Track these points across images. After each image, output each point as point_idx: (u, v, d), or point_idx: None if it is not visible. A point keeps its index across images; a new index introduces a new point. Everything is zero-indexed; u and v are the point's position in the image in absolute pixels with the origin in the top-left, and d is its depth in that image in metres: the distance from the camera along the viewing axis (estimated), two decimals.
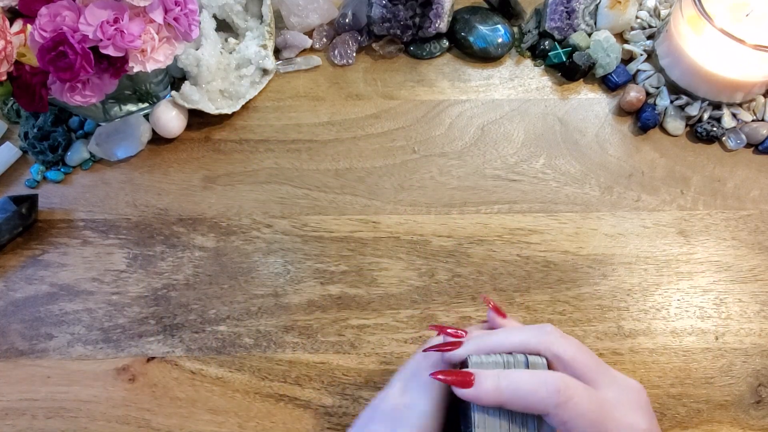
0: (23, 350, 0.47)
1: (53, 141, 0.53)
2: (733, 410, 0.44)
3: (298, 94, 0.58)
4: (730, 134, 0.54)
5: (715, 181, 0.53)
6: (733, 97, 0.53)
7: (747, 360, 0.46)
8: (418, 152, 0.55)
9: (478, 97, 0.57)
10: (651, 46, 0.57)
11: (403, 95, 0.58)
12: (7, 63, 0.42)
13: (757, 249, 0.50)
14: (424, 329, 0.47)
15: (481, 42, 0.58)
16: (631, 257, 0.50)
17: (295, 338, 0.47)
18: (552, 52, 0.58)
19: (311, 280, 0.49)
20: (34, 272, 0.50)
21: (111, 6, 0.42)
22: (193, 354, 0.47)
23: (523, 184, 0.53)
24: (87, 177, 0.54)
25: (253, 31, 0.58)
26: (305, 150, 0.55)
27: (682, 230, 0.51)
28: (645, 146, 0.55)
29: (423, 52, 0.59)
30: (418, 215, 0.52)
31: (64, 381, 0.46)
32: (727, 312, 0.48)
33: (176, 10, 0.45)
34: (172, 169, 0.54)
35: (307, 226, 0.51)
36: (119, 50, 0.43)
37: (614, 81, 0.56)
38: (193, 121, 0.56)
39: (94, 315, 0.48)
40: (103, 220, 0.52)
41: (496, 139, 0.55)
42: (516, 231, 0.51)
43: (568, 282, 0.49)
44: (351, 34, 0.59)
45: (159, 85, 0.54)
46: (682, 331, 0.47)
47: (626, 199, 0.52)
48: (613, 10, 0.57)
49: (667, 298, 0.48)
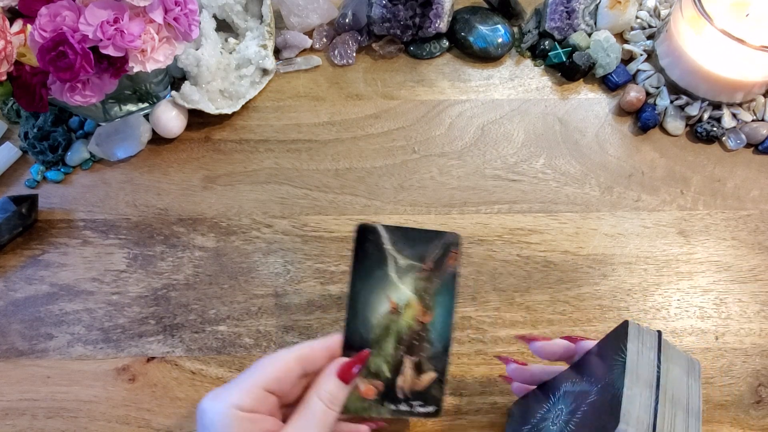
0: (23, 350, 0.47)
1: (53, 141, 0.53)
2: (733, 410, 0.44)
3: (298, 94, 0.58)
4: (730, 134, 0.54)
5: (715, 181, 0.53)
6: (733, 97, 0.53)
7: (747, 360, 0.46)
8: (418, 152, 0.55)
9: (478, 97, 0.57)
10: (651, 46, 0.57)
11: (403, 95, 0.58)
12: (7, 63, 0.42)
13: (757, 249, 0.50)
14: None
15: (481, 42, 0.58)
16: (631, 257, 0.50)
17: (295, 338, 0.47)
18: (552, 52, 0.58)
19: (311, 280, 0.49)
20: (34, 272, 0.50)
21: (111, 6, 0.42)
22: (193, 354, 0.47)
23: (523, 184, 0.53)
24: (87, 177, 0.54)
25: (253, 31, 0.58)
26: (305, 150, 0.55)
27: (682, 230, 0.51)
28: (645, 146, 0.55)
29: (423, 52, 0.59)
30: (418, 215, 0.52)
31: (64, 381, 0.46)
32: (727, 312, 0.48)
33: (176, 10, 0.45)
34: (172, 169, 0.54)
35: (307, 226, 0.51)
36: (119, 50, 0.43)
37: (614, 81, 0.56)
38: (193, 121, 0.56)
39: (94, 315, 0.48)
40: (103, 220, 0.52)
41: (496, 139, 0.55)
42: (516, 231, 0.51)
43: (568, 282, 0.49)
44: (351, 34, 0.59)
45: (159, 85, 0.54)
46: (682, 331, 0.47)
47: (626, 199, 0.52)
48: (613, 10, 0.57)
49: (667, 298, 0.48)
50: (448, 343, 0.38)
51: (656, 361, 0.30)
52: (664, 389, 0.29)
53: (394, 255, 0.38)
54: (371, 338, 0.38)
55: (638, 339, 0.31)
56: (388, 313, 0.38)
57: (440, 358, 0.38)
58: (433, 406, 0.38)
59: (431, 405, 0.38)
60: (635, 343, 0.31)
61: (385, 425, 0.43)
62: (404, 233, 0.39)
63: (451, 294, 0.39)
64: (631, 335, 0.31)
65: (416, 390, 0.38)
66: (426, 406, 0.38)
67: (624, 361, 0.30)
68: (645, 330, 0.32)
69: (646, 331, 0.32)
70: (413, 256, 0.38)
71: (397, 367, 0.38)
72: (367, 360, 0.37)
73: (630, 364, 0.30)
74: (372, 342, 0.38)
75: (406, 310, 0.38)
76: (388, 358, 0.38)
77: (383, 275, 0.38)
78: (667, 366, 0.31)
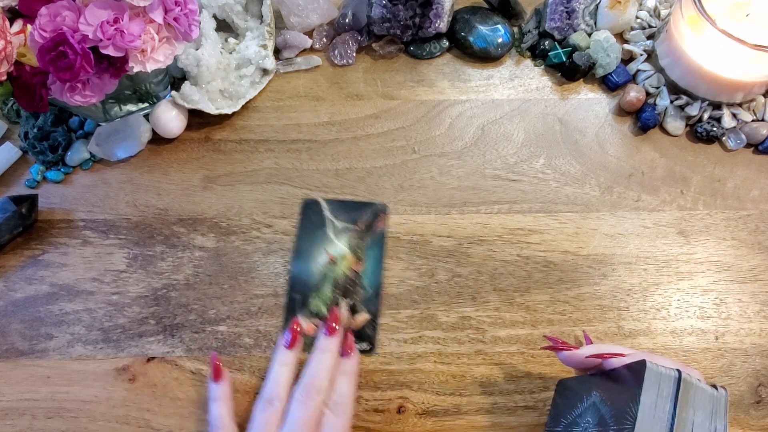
0: (23, 350, 0.47)
1: (53, 141, 0.53)
2: (733, 410, 0.44)
3: (298, 94, 0.58)
4: (730, 134, 0.54)
5: (715, 181, 0.53)
6: (733, 97, 0.53)
7: (747, 360, 0.46)
8: (418, 152, 0.55)
9: (478, 97, 0.57)
10: (651, 46, 0.57)
11: (403, 95, 0.58)
12: (7, 63, 0.42)
13: (757, 249, 0.50)
14: (424, 329, 0.47)
15: (481, 42, 0.58)
16: (631, 257, 0.50)
17: None
18: (552, 52, 0.58)
19: None
20: (34, 272, 0.50)
21: (111, 6, 0.42)
22: (193, 354, 0.47)
23: (523, 184, 0.53)
24: (87, 177, 0.54)
25: (253, 31, 0.58)
26: (305, 150, 0.55)
27: (682, 230, 0.51)
28: (645, 146, 0.55)
29: (423, 52, 0.59)
30: (418, 215, 0.52)
31: (64, 381, 0.46)
32: (727, 312, 0.48)
33: (176, 10, 0.45)
34: (172, 169, 0.54)
35: None
36: (119, 50, 0.43)
37: (614, 81, 0.56)
38: (193, 121, 0.56)
39: (94, 315, 0.48)
40: (103, 220, 0.52)
41: (496, 139, 0.55)
42: (516, 231, 0.51)
43: (568, 282, 0.49)
44: (351, 34, 0.59)
45: (159, 85, 0.54)
46: (682, 331, 0.47)
47: (626, 199, 0.52)
48: (613, 10, 0.57)
49: (667, 298, 0.48)
50: (379, 289, 0.47)
51: (671, 413, 0.29)
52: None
53: (332, 219, 0.49)
54: (312, 283, 0.47)
55: (655, 388, 0.30)
56: (327, 264, 0.48)
57: (373, 302, 0.47)
58: (367, 344, 0.46)
59: (365, 342, 0.46)
60: (650, 394, 0.30)
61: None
62: (341, 204, 0.50)
63: (381, 249, 0.48)
64: (648, 383, 0.30)
65: (352, 329, 0.46)
66: (361, 343, 0.46)
67: (635, 420, 0.29)
68: (664, 374, 0.30)
69: (665, 376, 0.30)
70: (348, 220, 0.50)
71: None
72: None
73: (640, 424, 0.29)
74: (312, 286, 0.47)
75: (341, 261, 0.48)
76: (326, 300, 0.47)
77: (323, 235, 0.49)
78: (687, 415, 0.29)
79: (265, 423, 0.40)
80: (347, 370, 0.43)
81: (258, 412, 0.41)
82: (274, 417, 0.41)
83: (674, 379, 0.31)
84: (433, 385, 0.45)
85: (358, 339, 0.46)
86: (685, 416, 0.29)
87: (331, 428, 0.40)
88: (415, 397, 0.45)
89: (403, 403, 0.45)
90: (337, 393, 0.42)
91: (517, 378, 0.46)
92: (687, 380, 0.30)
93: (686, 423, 0.29)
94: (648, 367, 0.31)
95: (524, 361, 0.46)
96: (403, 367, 0.46)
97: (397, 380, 0.46)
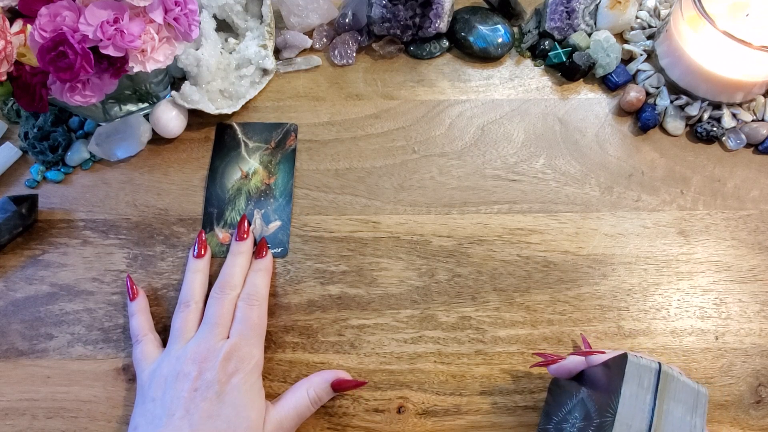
0: (23, 350, 0.47)
1: (53, 141, 0.53)
2: (733, 410, 0.44)
3: (298, 94, 0.58)
4: (730, 134, 0.54)
5: (715, 181, 0.53)
6: (733, 97, 0.54)
7: (747, 360, 0.46)
8: (418, 152, 0.55)
9: (478, 97, 0.57)
10: (651, 46, 0.57)
11: (403, 95, 0.58)
12: (7, 63, 0.42)
13: (757, 249, 0.50)
14: (424, 329, 0.47)
15: (481, 42, 0.58)
16: (631, 257, 0.50)
17: (295, 338, 0.47)
18: (552, 52, 0.58)
19: (311, 280, 0.49)
20: (34, 272, 0.50)
21: (111, 6, 0.42)
22: None
23: (523, 184, 0.53)
24: (87, 177, 0.54)
25: (253, 31, 0.58)
26: (305, 150, 0.55)
27: (682, 230, 0.51)
28: (645, 146, 0.55)
29: (423, 52, 0.59)
30: (418, 215, 0.52)
31: (64, 381, 0.46)
32: (727, 312, 0.48)
33: (176, 10, 0.45)
34: (172, 169, 0.54)
35: (307, 226, 0.51)
36: (119, 50, 0.43)
37: (614, 81, 0.56)
38: (193, 121, 0.56)
39: (94, 315, 0.48)
40: (103, 220, 0.52)
41: (496, 139, 0.55)
42: (516, 231, 0.51)
43: (568, 282, 0.49)
44: (351, 34, 0.59)
45: (159, 85, 0.54)
46: (682, 331, 0.47)
47: (626, 199, 0.52)
48: (613, 10, 0.57)
49: (667, 298, 0.48)
50: (290, 197, 0.51)
51: (651, 404, 0.30)
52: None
53: (245, 141, 0.54)
54: (227, 197, 0.51)
55: (636, 380, 0.30)
56: (240, 179, 0.52)
57: (284, 210, 0.51)
58: (280, 248, 0.49)
59: (279, 247, 0.50)
60: (632, 385, 0.30)
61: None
62: (253, 126, 0.54)
63: (291, 162, 0.53)
64: (629, 375, 0.30)
65: (265, 236, 0.50)
66: (275, 248, 0.50)
67: (615, 412, 0.29)
68: (644, 366, 0.31)
69: (645, 368, 0.31)
70: (260, 140, 0.54)
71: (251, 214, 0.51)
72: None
73: (620, 416, 0.29)
74: (227, 200, 0.51)
75: (253, 176, 0.52)
76: (241, 211, 0.51)
77: (237, 154, 0.53)
78: (667, 407, 0.29)
79: (184, 322, 0.44)
80: (261, 267, 0.47)
81: (176, 315, 0.45)
82: (192, 315, 0.44)
83: (655, 371, 0.31)
84: (433, 385, 0.45)
85: (273, 244, 0.49)
86: (665, 408, 0.30)
87: (245, 318, 0.43)
88: (415, 397, 0.45)
89: (403, 403, 0.45)
90: (250, 285, 0.45)
91: (517, 378, 0.46)
92: (667, 372, 0.31)
93: (666, 414, 0.30)
94: (629, 360, 0.32)
95: (524, 361, 0.46)
96: (403, 367, 0.46)
97: (397, 380, 0.46)
